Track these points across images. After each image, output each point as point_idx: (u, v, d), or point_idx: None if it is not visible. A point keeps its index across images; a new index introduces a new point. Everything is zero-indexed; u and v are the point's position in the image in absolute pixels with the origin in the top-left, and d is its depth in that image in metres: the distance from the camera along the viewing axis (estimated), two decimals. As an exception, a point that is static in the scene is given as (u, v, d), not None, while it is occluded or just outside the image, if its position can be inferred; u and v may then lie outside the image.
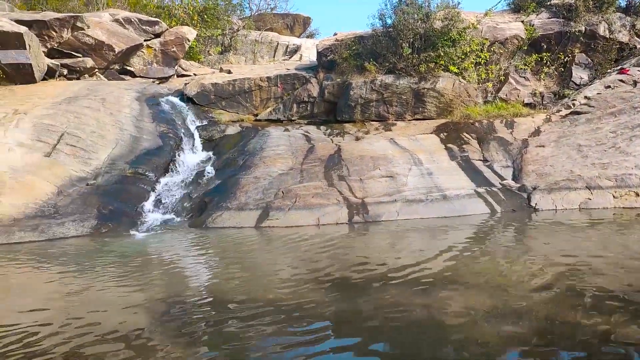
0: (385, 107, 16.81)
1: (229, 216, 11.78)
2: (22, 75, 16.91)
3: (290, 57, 27.84)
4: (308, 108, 17.55)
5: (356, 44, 17.38)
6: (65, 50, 18.92)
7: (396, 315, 5.24)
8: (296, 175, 13.18)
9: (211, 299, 6.00)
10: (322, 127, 16.92)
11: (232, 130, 16.78)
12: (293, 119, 17.60)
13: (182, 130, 15.95)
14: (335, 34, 20.15)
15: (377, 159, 13.87)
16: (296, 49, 28.51)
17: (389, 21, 17.27)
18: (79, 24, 18.69)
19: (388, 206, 11.92)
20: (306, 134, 16.17)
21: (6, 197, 11.38)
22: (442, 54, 16.25)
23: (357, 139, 15.74)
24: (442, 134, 15.57)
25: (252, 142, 15.50)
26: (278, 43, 28.95)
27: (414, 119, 16.91)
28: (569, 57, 17.84)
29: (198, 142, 16.02)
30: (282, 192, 12.33)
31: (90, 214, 11.54)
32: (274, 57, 28.35)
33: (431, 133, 15.75)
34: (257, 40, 28.52)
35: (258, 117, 17.76)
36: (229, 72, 19.98)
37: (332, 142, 15.53)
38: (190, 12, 26.81)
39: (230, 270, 7.40)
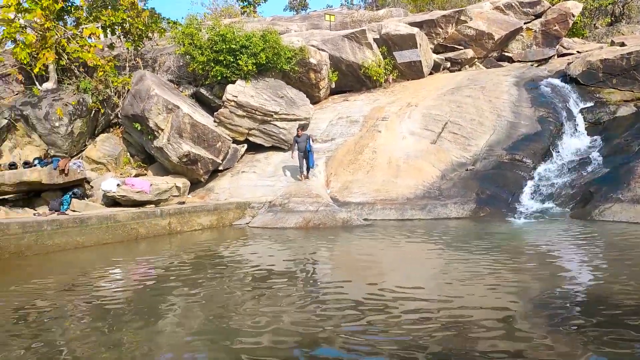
0: None
1: (621, 209, 10.32)
2: (412, 71, 19.22)
3: None
4: None
5: None
6: (448, 45, 20.41)
7: None
8: None
9: (589, 297, 5.39)
10: None
11: (624, 111, 14.60)
12: None
13: (563, 114, 14.86)
14: None
15: None
16: None
17: None
18: (462, 18, 19.82)
19: None
20: None
21: (401, 179, 13.26)
22: None
23: None
24: None
25: (652, 124, 13.07)
26: (692, -1, 23.29)
27: None
28: None
29: (581, 126, 14.62)
30: (696, 184, 9.94)
31: (470, 198, 12.20)
32: (684, 18, 23.01)
33: None
34: (661, 1, 23.70)
35: (661, 94, 14.80)
36: (622, 44, 17.35)
37: None
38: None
39: (617, 270, 6.44)
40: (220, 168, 14.94)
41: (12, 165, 12.06)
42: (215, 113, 15.16)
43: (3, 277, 7.49)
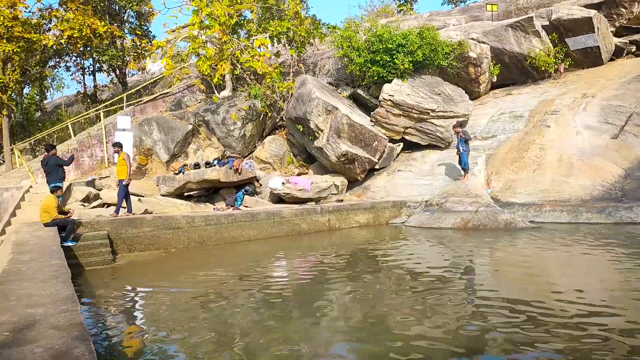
0: None
1: None
2: (588, 59, 17.21)
3: None
4: None
5: None
6: (633, 26, 17.85)
7: None
8: None
9: None
10: None
11: None
12: None
13: None
14: None
15: None
16: None
17: None
18: (651, -7, 17.16)
19: None
20: None
21: (574, 178, 12.00)
22: None
23: None
24: None
25: None
26: None
27: None
28: None
29: None
30: None
31: (662, 201, 10.54)
32: None
33: None
34: None
35: None
36: None
37: None
38: None
39: None
40: (377, 167, 15.13)
41: (196, 165, 13.72)
42: (371, 113, 15.40)
43: (191, 263, 8.58)
